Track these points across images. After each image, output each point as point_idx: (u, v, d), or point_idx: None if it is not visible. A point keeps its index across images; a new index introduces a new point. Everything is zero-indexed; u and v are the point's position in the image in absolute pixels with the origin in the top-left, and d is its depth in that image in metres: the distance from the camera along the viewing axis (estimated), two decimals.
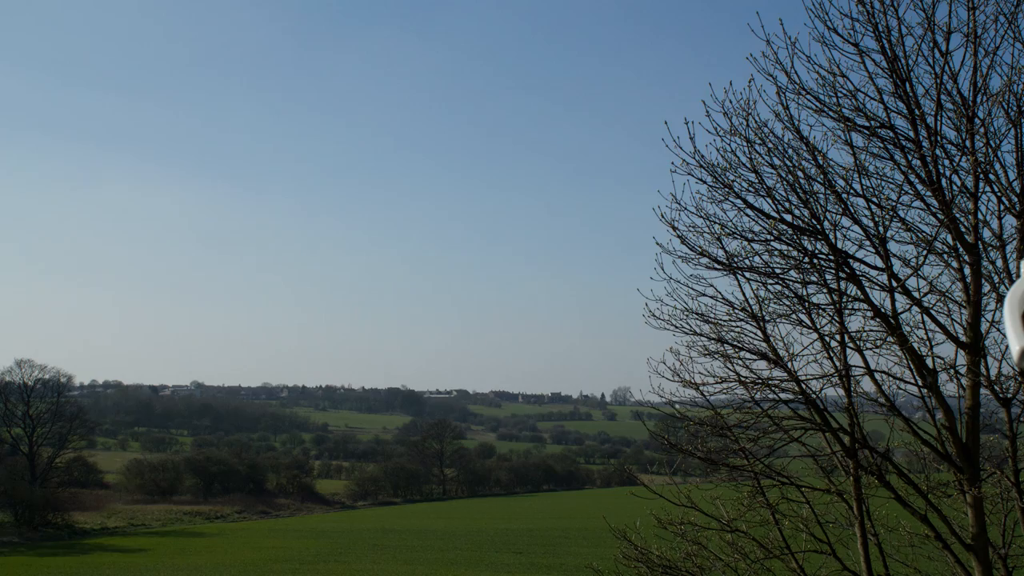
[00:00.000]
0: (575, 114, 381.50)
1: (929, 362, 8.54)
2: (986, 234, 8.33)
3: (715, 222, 9.09)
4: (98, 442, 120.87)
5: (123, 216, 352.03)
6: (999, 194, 8.11)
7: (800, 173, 8.63)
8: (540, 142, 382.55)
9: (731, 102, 8.67)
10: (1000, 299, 8.27)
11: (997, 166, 8.08)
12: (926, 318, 8.53)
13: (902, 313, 8.63)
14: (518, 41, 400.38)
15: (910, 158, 8.25)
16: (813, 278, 8.97)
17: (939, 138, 8.11)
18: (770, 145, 8.66)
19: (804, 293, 9.10)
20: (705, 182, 8.97)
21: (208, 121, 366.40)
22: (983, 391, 8.38)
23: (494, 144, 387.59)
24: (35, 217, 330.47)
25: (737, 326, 9.45)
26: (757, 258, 9.11)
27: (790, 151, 8.62)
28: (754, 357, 9.38)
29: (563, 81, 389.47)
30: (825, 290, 8.94)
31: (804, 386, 9.11)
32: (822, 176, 8.53)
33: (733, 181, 8.85)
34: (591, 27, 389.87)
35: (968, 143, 8.05)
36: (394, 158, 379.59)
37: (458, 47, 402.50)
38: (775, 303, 9.30)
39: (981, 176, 8.09)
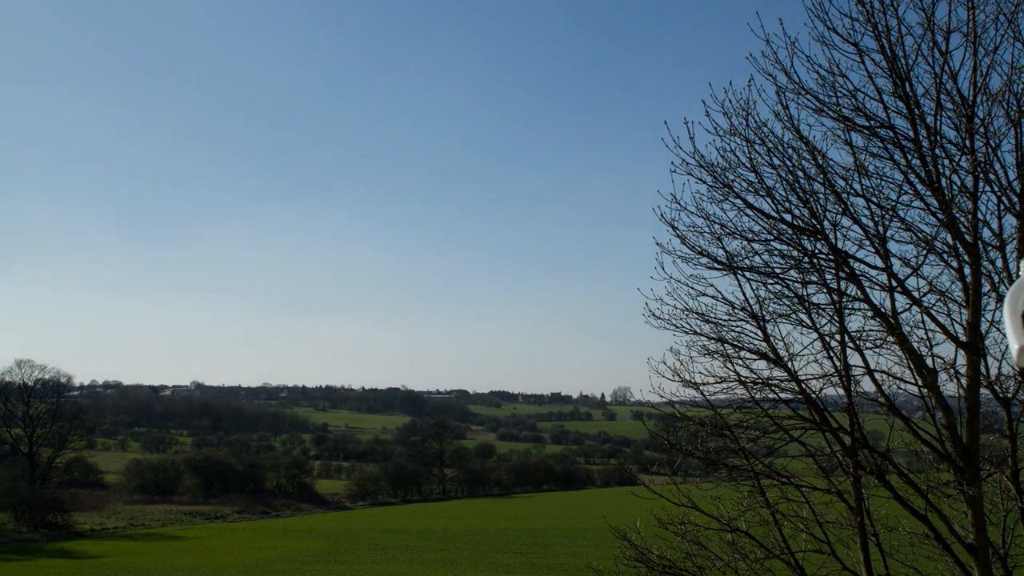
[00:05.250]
0: (575, 113, 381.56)
1: (929, 362, 8.55)
2: (986, 234, 8.33)
3: (715, 222, 9.11)
4: (98, 442, 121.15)
5: (122, 216, 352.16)
6: (999, 194, 8.11)
7: (800, 173, 8.64)
8: (539, 141, 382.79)
9: (731, 102, 8.69)
10: (1000, 299, 8.27)
11: (997, 166, 8.09)
12: (926, 318, 8.54)
13: (902, 313, 8.64)
14: (516, 39, 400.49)
15: (910, 158, 8.25)
16: (813, 278, 8.97)
17: (939, 138, 8.11)
18: (770, 145, 8.67)
19: (804, 293, 9.10)
20: (705, 182, 9.00)
21: (201, 119, 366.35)
22: (983, 391, 8.38)
23: (493, 143, 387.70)
24: (34, 216, 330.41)
25: (737, 326, 9.46)
26: (757, 258, 9.13)
27: (790, 151, 8.64)
28: (754, 357, 9.38)
29: (562, 81, 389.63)
30: (825, 290, 8.94)
31: (804, 386, 9.11)
32: (822, 176, 8.53)
33: (733, 181, 8.86)
34: (590, 26, 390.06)
35: (968, 143, 8.05)
36: (394, 158, 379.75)
37: (451, 48, 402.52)
38: (775, 303, 9.31)
39: (981, 176, 8.09)
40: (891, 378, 8.81)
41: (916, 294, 8.54)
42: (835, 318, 8.94)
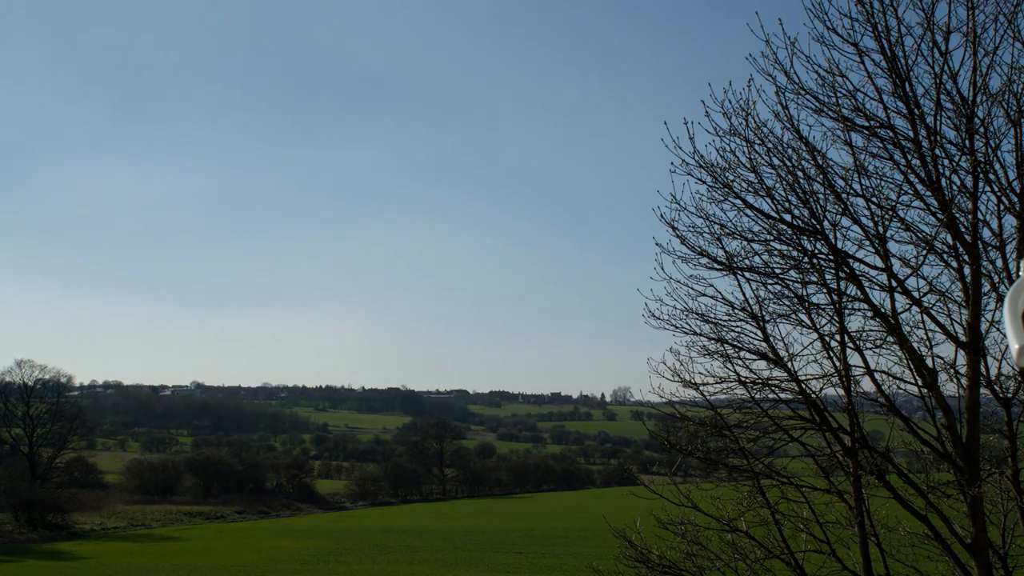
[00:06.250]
0: (574, 114, 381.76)
1: (929, 362, 8.55)
2: (986, 234, 8.34)
3: (715, 222, 9.12)
4: (98, 442, 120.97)
5: (122, 216, 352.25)
6: (999, 194, 8.11)
7: (800, 173, 8.64)
8: (539, 141, 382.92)
9: (730, 102, 8.70)
10: (1000, 299, 8.27)
11: (997, 166, 8.10)
12: (926, 318, 8.54)
13: (902, 313, 8.64)
14: (516, 38, 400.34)
15: (910, 158, 8.26)
16: (813, 278, 8.97)
17: (939, 138, 8.11)
18: (769, 145, 8.67)
19: (804, 293, 9.10)
20: (705, 182, 9.00)
21: (201, 120, 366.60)
22: (983, 391, 8.39)
23: (492, 142, 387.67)
24: (34, 217, 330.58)
25: (737, 326, 9.46)
26: (757, 258, 9.14)
27: (790, 151, 8.64)
28: (754, 357, 9.38)
29: (561, 81, 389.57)
30: (825, 290, 8.95)
31: (804, 386, 9.11)
32: (822, 176, 8.54)
33: (733, 181, 8.87)
34: (589, 26, 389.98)
35: (968, 143, 8.05)
36: (392, 159, 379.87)
37: (449, 49, 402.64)
38: (775, 303, 9.31)
39: (981, 176, 8.09)
40: (891, 378, 8.82)
41: (916, 294, 8.55)
42: (835, 318, 8.94)
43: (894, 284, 8.52)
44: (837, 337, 8.99)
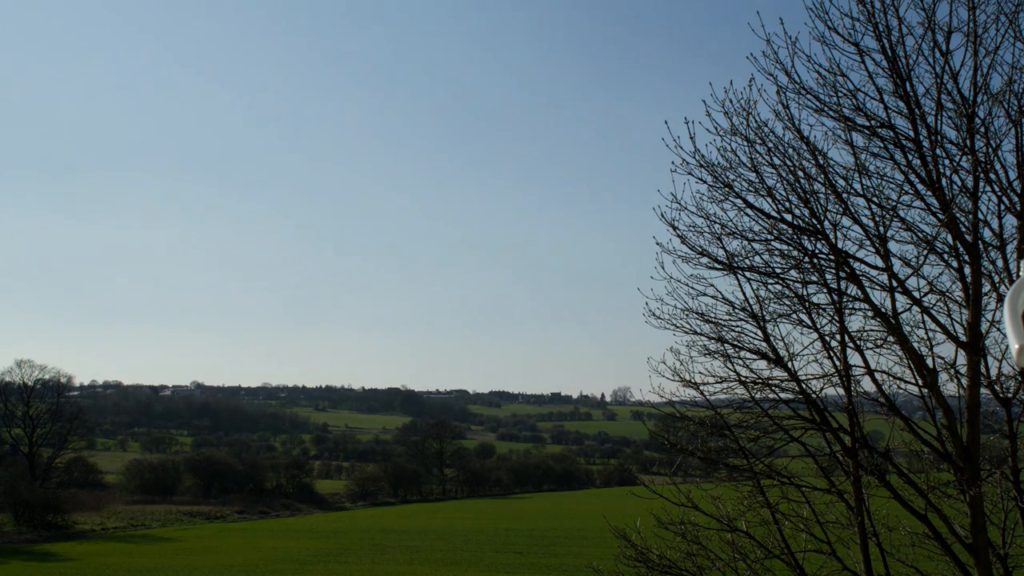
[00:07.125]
0: (574, 113, 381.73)
1: (929, 362, 8.56)
2: (986, 234, 8.34)
3: (715, 222, 9.12)
4: (98, 442, 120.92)
5: (122, 215, 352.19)
6: (999, 194, 8.12)
7: (800, 173, 8.65)
8: (538, 140, 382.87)
9: (731, 101, 8.70)
10: (1000, 299, 8.27)
11: (997, 166, 8.10)
12: (926, 318, 8.55)
13: (902, 313, 8.64)
14: (516, 37, 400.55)
15: (910, 158, 8.26)
16: (813, 278, 8.98)
17: (939, 138, 8.11)
18: (770, 145, 8.68)
19: (804, 293, 9.11)
20: (705, 182, 9.01)
21: (197, 122, 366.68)
22: (983, 391, 8.39)
23: (491, 142, 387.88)
24: (33, 217, 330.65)
25: (737, 326, 9.47)
26: (757, 258, 9.14)
27: (790, 151, 8.65)
28: (754, 357, 9.39)
29: (561, 79, 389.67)
30: (825, 290, 8.95)
31: (804, 386, 9.12)
32: (822, 176, 8.54)
33: (733, 181, 8.88)
34: (590, 26, 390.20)
35: (968, 143, 8.05)
36: (390, 157, 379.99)
37: (453, 45, 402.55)
38: (775, 303, 9.32)
39: (981, 176, 8.09)
40: (891, 378, 8.83)
41: (916, 294, 8.55)
42: (835, 318, 8.94)
43: (895, 284, 8.52)
44: (837, 337, 9.00)
